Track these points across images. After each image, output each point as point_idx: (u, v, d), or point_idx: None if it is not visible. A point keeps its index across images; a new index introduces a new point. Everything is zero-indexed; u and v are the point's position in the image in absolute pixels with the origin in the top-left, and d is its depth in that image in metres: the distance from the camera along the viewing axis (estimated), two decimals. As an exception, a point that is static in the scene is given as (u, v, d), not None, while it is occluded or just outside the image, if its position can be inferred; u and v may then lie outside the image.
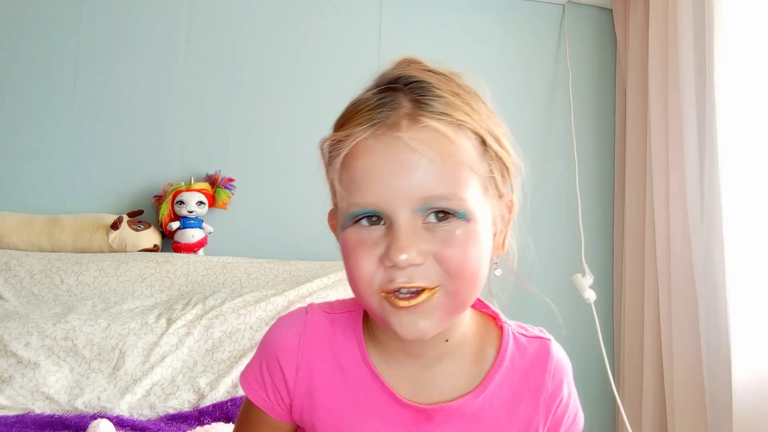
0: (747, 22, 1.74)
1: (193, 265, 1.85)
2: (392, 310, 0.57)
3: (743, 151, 1.72)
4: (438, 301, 0.57)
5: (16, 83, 2.05)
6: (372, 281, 0.57)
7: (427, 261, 0.56)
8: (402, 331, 0.57)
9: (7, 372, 1.45)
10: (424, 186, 0.56)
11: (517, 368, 0.66)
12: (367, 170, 0.56)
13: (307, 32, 2.23)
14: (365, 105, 0.59)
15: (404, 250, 0.55)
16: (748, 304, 1.67)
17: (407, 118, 0.57)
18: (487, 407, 0.64)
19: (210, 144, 2.13)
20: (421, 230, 0.56)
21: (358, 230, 0.58)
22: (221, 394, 1.46)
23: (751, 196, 1.70)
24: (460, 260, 0.57)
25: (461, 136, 0.58)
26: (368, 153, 0.57)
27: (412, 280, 0.56)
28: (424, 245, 0.56)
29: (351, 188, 0.57)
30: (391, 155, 0.56)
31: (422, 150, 0.55)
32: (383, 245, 0.57)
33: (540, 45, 2.39)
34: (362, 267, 0.57)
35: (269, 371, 0.68)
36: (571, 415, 0.70)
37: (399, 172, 0.56)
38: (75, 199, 2.03)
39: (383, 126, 0.57)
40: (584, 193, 2.30)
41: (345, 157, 0.58)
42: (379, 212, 0.57)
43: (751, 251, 1.68)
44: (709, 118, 1.80)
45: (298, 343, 0.67)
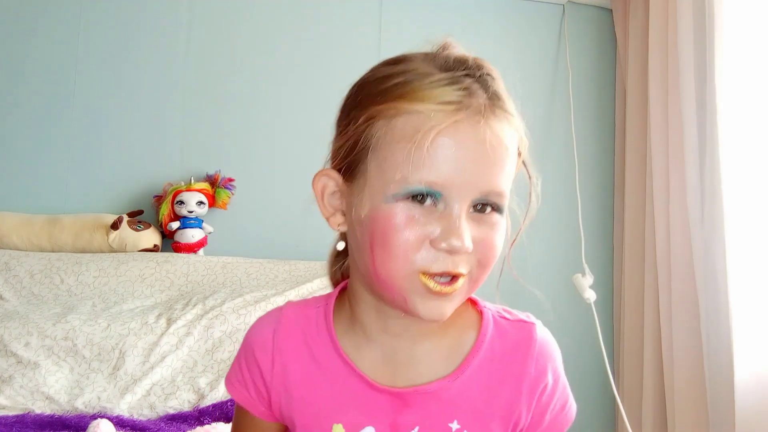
0: (747, 22, 1.74)
1: (193, 265, 1.85)
2: (423, 293, 0.57)
3: (743, 151, 1.72)
4: (463, 287, 0.59)
5: (16, 83, 2.05)
6: (414, 260, 0.57)
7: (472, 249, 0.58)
8: (426, 313, 0.58)
9: (7, 372, 1.45)
10: (490, 179, 0.57)
11: (497, 353, 0.65)
12: (449, 151, 0.55)
13: (307, 32, 2.23)
14: (441, 84, 0.57)
15: (464, 237, 0.56)
16: (749, 303, 1.67)
17: (490, 108, 0.58)
18: (465, 392, 0.64)
19: (210, 144, 2.13)
20: (470, 219, 0.58)
21: (410, 207, 0.56)
22: (221, 394, 1.46)
23: (752, 196, 1.69)
24: (493, 251, 0.59)
25: (515, 140, 0.61)
26: (454, 135, 0.56)
27: (457, 266, 0.57)
28: (474, 234, 0.57)
29: (420, 163, 0.55)
30: (479, 141, 0.56)
31: (502, 144, 0.58)
32: (437, 228, 0.56)
33: (540, 45, 2.39)
34: (409, 245, 0.56)
35: (248, 368, 0.69)
36: (558, 403, 0.68)
37: (479, 160, 0.56)
38: (75, 199, 2.03)
39: (471, 110, 0.56)
40: (584, 193, 2.30)
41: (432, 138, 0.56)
42: (439, 195, 0.56)
43: (751, 251, 1.68)
44: (709, 117, 1.80)
45: (273, 338, 0.68)
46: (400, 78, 0.60)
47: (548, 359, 0.67)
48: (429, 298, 0.58)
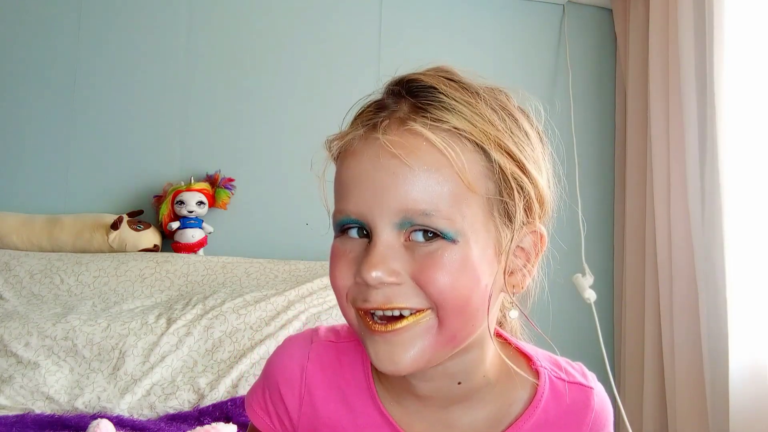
0: (747, 22, 1.73)
1: (193, 265, 1.85)
2: (367, 336, 0.52)
3: (744, 151, 1.72)
4: (423, 329, 0.51)
5: (16, 83, 2.04)
6: (347, 296, 0.53)
7: (408, 283, 0.50)
8: (376, 361, 0.52)
9: (7, 372, 1.45)
10: (404, 197, 0.50)
11: (551, 418, 0.58)
12: (353, 174, 0.52)
13: (307, 32, 2.23)
14: (370, 106, 0.55)
15: (374, 267, 0.49)
16: (748, 304, 1.67)
17: (397, 121, 0.52)
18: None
19: (210, 144, 2.13)
20: (401, 248, 0.51)
21: (343, 241, 0.54)
22: (221, 394, 1.46)
23: (752, 196, 1.69)
24: (442, 285, 0.50)
25: (457, 147, 0.51)
26: (355, 155, 0.52)
27: (390, 301, 0.50)
28: (399, 264, 0.50)
29: (339, 193, 0.54)
30: (374, 158, 0.51)
31: (403, 155, 0.50)
32: (360, 261, 0.52)
33: (540, 45, 2.39)
34: (338, 280, 0.53)
35: (272, 401, 0.63)
36: None
37: (379, 178, 0.50)
38: (75, 199, 2.03)
39: (371, 128, 0.52)
40: (584, 193, 2.30)
41: (339, 158, 0.55)
42: (363, 222, 0.52)
43: (751, 251, 1.68)
44: (709, 117, 1.80)
45: (301, 375, 0.61)
46: None
47: (603, 428, 0.62)
48: (375, 342, 0.51)
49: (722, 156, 1.74)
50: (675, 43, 1.94)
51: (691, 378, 1.82)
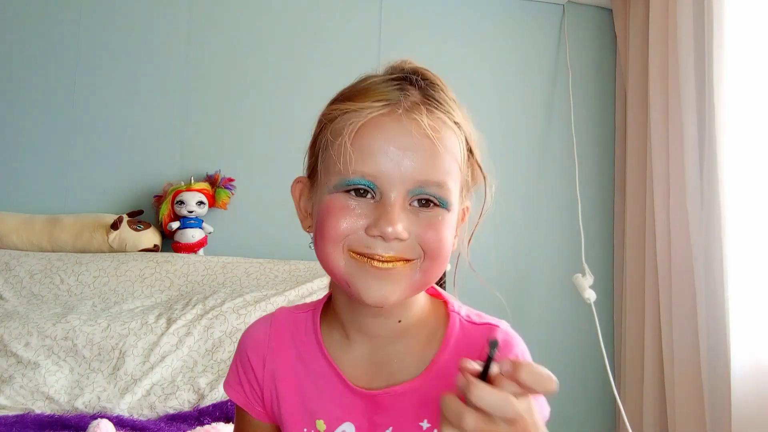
0: (747, 22, 1.74)
1: (193, 265, 1.85)
2: (360, 273, 0.61)
3: (743, 151, 1.72)
4: (408, 271, 0.62)
5: (16, 83, 2.05)
6: (343, 241, 0.61)
7: (410, 240, 0.61)
8: (366, 293, 0.61)
9: (7, 372, 1.45)
10: (424, 170, 0.60)
11: (462, 353, 0.64)
12: (378, 144, 0.60)
13: (307, 32, 2.23)
14: (379, 86, 0.64)
15: (395, 223, 0.59)
16: (747, 304, 1.67)
17: (418, 106, 0.62)
18: (432, 392, 0.65)
19: (210, 144, 2.13)
20: (408, 211, 0.61)
21: (346, 197, 0.61)
22: (221, 394, 1.46)
23: (751, 196, 1.70)
24: (438, 242, 0.62)
25: (458, 136, 0.64)
26: (382, 128, 0.61)
27: (392, 250, 0.60)
28: (408, 224, 0.60)
29: (355, 157, 0.60)
30: (406, 134, 0.60)
31: (431, 138, 0.60)
32: (371, 216, 0.60)
33: (540, 45, 2.39)
34: (340, 227, 0.61)
35: (243, 369, 0.74)
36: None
37: (408, 152, 0.60)
38: (75, 199, 2.03)
39: (400, 107, 0.61)
40: (584, 193, 2.30)
41: (349, 127, 0.61)
42: (374, 185, 0.60)
43: (750, 251, 1.68)
44: (708, 117, 1.80)
45: (264, 339, 0.73)
46: (347, 87, 0.68)
47: (508, 354, 0.66)
48: (367, 278, 0.61)
49: (721, 156, 1.74)
50: (675, 43, 1.94)
51: (690, 378, 1.82)
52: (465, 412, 0.47)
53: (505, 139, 2.31)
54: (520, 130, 2.34)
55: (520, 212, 2.30)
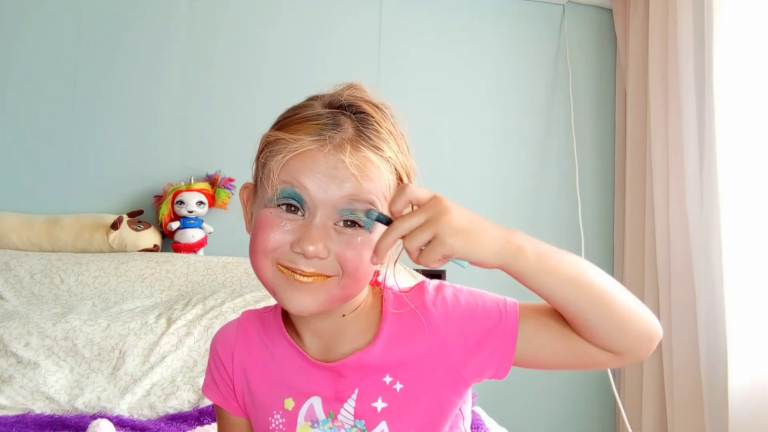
0: (747, 22, 1.74)
1: (193, 265, 1.85)
2: (284, 284, 0.67)
3: (742, 151, 1.72)
4: (327, 286, 0.67)
5: (16, 83, 2.04)
6: (272, 253, 0.67)
7: (330, 258, 0.66)
8: (288, 303, 0.67)
9: (7, 372, 1.45)
10: (347, 199, 0.65)
11: (403, 314, 0.73)
12: (306, 171, 0.66)
13: (307, 33, 2.23)
14: (314, 118, 0.69)
15: (315, 242, 0.64)
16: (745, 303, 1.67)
17: (350, 144, 0.67)
18: (386, 352, 0.72)
19: (210, 144, 2.13)
20: (331, 230, 0.66)
21: (279, 213, 0.67)
22: (221, 394, 1.46)
23: (750, 197, 1.70)
24: (356, 262, 0.66)
25: (386, 170, 0.68)
26: (311, 159, 0.66)
27: (312, 267, 0.66)
28: (330, 243, 0.66)
29: (288, 176, 0.66)
30: (332, 169, 0.65)
31: (357, 174, 0.65)
32: (297, 234, 0.66)
33: (540, 45, 2.39)
34: (269, 241, 0.66)
35: (215, 367, 0.81)
36: (472, 306, 0.72)
37: (334, 181, 0.65)
38: (75, 199, 2.03)
39: (330, 144, 0.66)
40: (584, 193, 2.30)
41: (284, 161, 0.67)
42: (302, 199, 0.66)
43: (749, 252, 1.68)
44: (708, 117, 1.80)
45: (232, 336, 0.81)
46: (290, 113, 0.74)
47: (442, 300, 0.73)
48: (290, 290, 0.67)
49: (721, 156, 1.74)
50: (675, 43, 1.94)
51: (689, 377, 1.82)
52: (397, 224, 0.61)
53: (505, 139, 2.31)
54: (520, 130, 2.34)
55: (519, 212, 2.30)
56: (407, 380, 0.73)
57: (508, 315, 0.71)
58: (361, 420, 0.73)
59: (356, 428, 0.73)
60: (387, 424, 0.73)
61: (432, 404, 0.73)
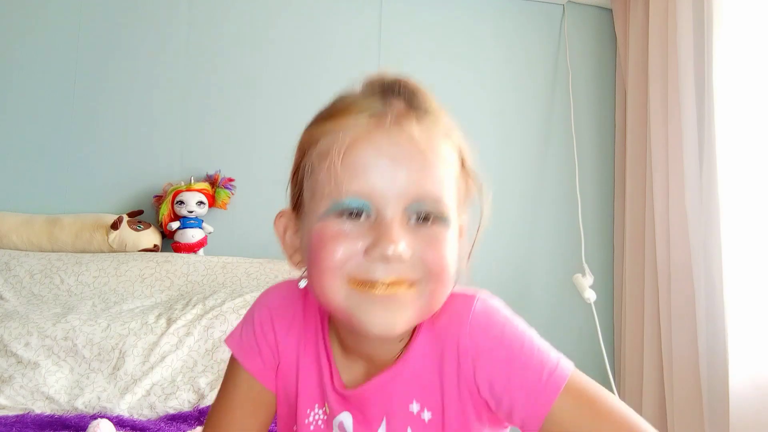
0: (746, 22, 1.74)
1: (193, 265, 1.85)
2: (362, 303, 0.56)
3: (742, 151, 1.72)
4: (414, 296, 0.57)
5: (16, 83, 2.04)
6: (342, 269, 0.56)
7: (412, 259, 0.57)
8: (370, 324, 0.56)
9: (7, 372, 1.45)
10: (419, 182, 0.56)
11: (440, 326, 0.63)
12: (369, 159, 0.56)
13: (307, 33, 2.23)
14: (360, 101, 0.60)
15: (396, 241, 0.55)
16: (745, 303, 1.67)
17: (405, 117, 0.58)
18: (415, 378, 0.63)
19: (210, 144, 2.13)
20: (407, 229, 0.57)
21: (340, 222, 0.57)
22: (221, 394, 1.46)
23: (750, 197, 1.70)
24: (441, 262, 0.57)
25: (450, 146, 0.60)
26: (371, 142, 0.57)
27: (395, 273, 0.56)
28: (410, 242, 0.56)
29: (345, 176, 0.56)
30: (395, 145, 0.56)
31: (425, 148, 0.56)
32: (368, 238, 0.56)
33: (540, 45, 2.39)
34: (336, 255, 0.56)
35: (263, 333, 0.70)
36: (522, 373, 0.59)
37: (401, 164, 0.56)
38: (75, 199, 2.03)
39: (387, 118, 0.57)
40: (584, 193, 2.30)
41: (333, 146, 0.57)
42: (368, 204, 0.56)
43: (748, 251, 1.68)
44: (708, 118, 1.80)
45: (290, 304, 0.70)
46: (325, 108, 0.64)
47: (484, 329, 0.61)
48: (371, 308, 0.56)
49: (720, 156, 1.74)
50: (674, 43, 1.94)
51: (689, 377, 1.82)
52: None
53: (505, 139, 2.31)
54: (520, 129, 2.34)
55: (520, 212, 2.30)
56: (436, 409, 0.63)
57: (550, 382, 0.59)
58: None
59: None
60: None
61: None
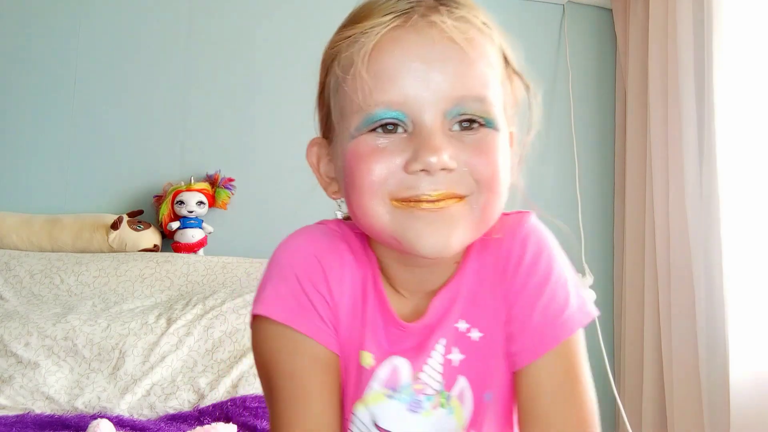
0: (746, 22, 1.74)
1: (193, 265, 1.85)
2: (409, 222, 0.50)
3: (742, 151, 1.72)
4: (465, 210, 0.51)
5: (16, 83, 2.04)
6: (381, 188, 0.51)
7: (459, 169, 0.51)
8: (421, 245, 0.50)
9: (7, 372, 1.45)
10: (458, 83, 0.50)
11: (491, 243, 0.58)
12: (398, 62, 0.50)
13: (307, 32, 2.22)
14: (384, 2, 0.53)
15: (438, 151, 0.49)
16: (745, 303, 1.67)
17: (436, 10, 0.51)
18: (466, 296, 0.58)
19: (210, 144, 2.13)
20: (450, 137, 0.51)
21: (375, 137, 0.51)
22: (221, 394, 1.46)
23: (749, 196, 1.70)
24: (493, 170, 0.52)
25: (490, 40, 0.55)
26: (399, 43, 0.50)
27: (442, 187, 0.50)
28: (455, 151, 0.50)
29: (374, 85, 0.50)
30: (427, 43, 0.50)
31: (461, 41, 0.50)
32: (407, 152, 0.50)
33: (540, 45, 2.39)
34: (374, 172, 0.50)
35: (315, 281, 0.59)
36: (547, 300, 0.57)
37: (434, 64, 0.50)
38: (75, 199, 2.03)
39: (415, 14, 0.51)
40: (584, 193, 2.30)
41: (360, 52, 0.51)
42: (403, 114, 0.50)
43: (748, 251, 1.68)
44: (708, 117, 1.80)
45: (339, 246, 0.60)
46: (346, 17, 0.58)
47: (534, 242, 0.60)
48: (419, 226, 0.50)
49: (720, 156, 1.74)
50: (674, 43, 1.94)
51: (689, 377, 1.82)
52: None
53: (505, 139, 2.31)
54: (520, 130, 2.34)
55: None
56: (485, 329, 0.57)
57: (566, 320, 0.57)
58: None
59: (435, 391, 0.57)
60: (467, 380, 0.57)
61: (508, 364, 0.58)
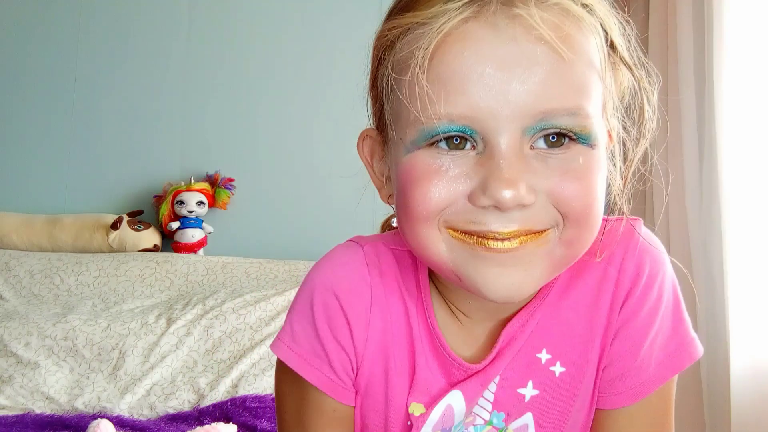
0: (747, 22, 1.74)
1: (193, 265, 1.85)
2: (472, 260, 0.42)
3: (742, 151, 1.72)
4: (544, 249, 0.42)
5: (16, 83, 2.05)
6: (438, 216, 0.42)
7: (540, 201, 0.41)
8: (488, 288, 0.42)
9: (7, 372, 1.45)
10: (546, 94, 0.39)
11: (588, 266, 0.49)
12: (467, 66, 0.39)
13: (307, 32, 2.23)
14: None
15: (513, 184, 0.39)
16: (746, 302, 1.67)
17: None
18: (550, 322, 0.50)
19: (210, 144, 2.13)
20: (531, 158, 0.41)
21: (435, 154, 0.42)
22: (221, 394, 1.46)
23: (750, 195, 1.70)
24: (585, 201, 0.42)
25: (593, 29, 0.42)
26: (468, 41, 0.40)
27: (515, 225, 0.41)
28: (535, 179, 0.41)
29: (436, 93, 0.40)
30: (506, 43, 0.39)
31: (553, 40, 0.39)
32: (474, 178, 0.41)
33: (540, 45, 2.39)
34: (431, 199, 0.41)
35: (332, 327, 0.50)
36: (663, 334, 0.50)
37: (515, 70, 0.39)
38: (75, 199, 2.03)
39: (491, 3, 0.40)
40: (584, 193, 2.30)
41: (429, 53, 0.40)
42: (471, 131, 0.41)
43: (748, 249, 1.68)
44: (708, 117, 1.81)
45: (367, 281, 0.50)
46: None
47: (654, 263, 0.51)
48: (485, 266, 0.42)
49: (720, 155, 1.74)
50: (674, 43, 1.94)
51: (690, 377, 1.82)
52: None
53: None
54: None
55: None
56: (570, 363, 0.49)
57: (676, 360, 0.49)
58: (500, 412, 0.50)
59: (490, 426, 0.50)
60: (533, 418, 0.50)
61: (592, 402, 0.51)
